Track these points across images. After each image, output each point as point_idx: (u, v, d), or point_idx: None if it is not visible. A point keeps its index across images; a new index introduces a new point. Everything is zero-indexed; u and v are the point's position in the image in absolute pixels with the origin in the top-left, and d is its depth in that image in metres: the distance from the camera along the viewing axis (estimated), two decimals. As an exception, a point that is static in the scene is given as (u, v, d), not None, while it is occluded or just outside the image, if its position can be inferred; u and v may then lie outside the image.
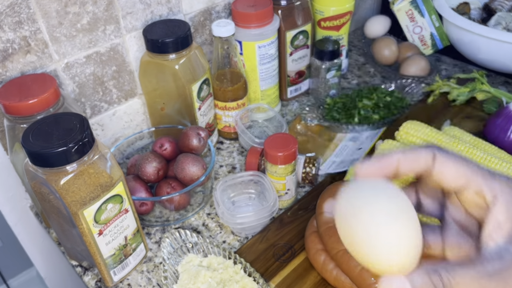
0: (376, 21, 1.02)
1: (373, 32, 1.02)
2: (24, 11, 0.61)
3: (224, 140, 0.86)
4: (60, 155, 0.48)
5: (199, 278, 0.58)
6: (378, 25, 1.01)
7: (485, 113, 0.84)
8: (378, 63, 0.99)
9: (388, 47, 0.97)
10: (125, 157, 0.79)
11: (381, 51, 0.97)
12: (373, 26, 1.01)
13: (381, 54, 0.97)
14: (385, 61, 0.97)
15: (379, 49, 0.98)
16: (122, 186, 0.55)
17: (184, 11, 0.79)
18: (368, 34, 1.03)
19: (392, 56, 0.97)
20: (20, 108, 0.57)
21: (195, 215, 0.71)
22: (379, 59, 0.98)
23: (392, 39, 0.99)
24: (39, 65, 0.65)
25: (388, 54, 0.97)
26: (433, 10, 0.97)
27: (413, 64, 0.92)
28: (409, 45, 0.98)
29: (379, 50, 0.98)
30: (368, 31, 1.02)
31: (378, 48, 0.98)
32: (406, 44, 0.98)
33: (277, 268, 0.61)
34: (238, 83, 0.79)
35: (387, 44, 0.97)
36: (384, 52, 0.97)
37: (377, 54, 0.98)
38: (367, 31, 1.03)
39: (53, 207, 0.53)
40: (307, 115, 0.86)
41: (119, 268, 0.60)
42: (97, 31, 0.69)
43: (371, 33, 1.02)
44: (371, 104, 0.84)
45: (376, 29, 1.01)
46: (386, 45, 0.97)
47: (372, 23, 1.02)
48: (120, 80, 0.76)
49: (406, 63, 0.93)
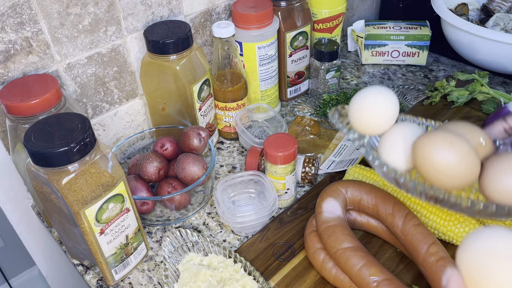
0: (373, 104, 0.53)
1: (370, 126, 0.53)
2: (26, 12, 0.61)
3: (225, 140, 0.87)
4: (61, 155, 0.48)
5: (200, 277, 0.58)
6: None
7: (483, 113, 0.85)
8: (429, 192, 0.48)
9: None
10: (126, 157, 0.79)
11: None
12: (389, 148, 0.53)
13: (440, 167, 0.46)
14: (451, 181, 0.46)
15: (430, 156, 0.46)
16: (123, 185, 0.55)
17: (184, 12, 0.79)
18: (360, 129, 0.55)
19: (469, 171, 0.46)
20: (22, 109, 0.57)
21: (195, 214, 0.72)
22: (431, 175, 0.47)
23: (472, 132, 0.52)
24: (41, 65, 0.66)
25: (460, 168, 0.45)
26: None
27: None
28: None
29: (432, 159, 0.46)
30: (358, 123, 0.54)
31: (426, 154, 0.47)
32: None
33: (277, 266, 0.62)
34: (238, 83, 0.80)
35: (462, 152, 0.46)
36: (449, 163, 0.45)
37: (426, 167, 0.47)
38: (357, 123, 0.54)
39: (55, 206, 0.54)
40: (298, 107, 0.87)
41: (120, 267, 0.61)
42: (99, 32, 0.70)
43: (364, 127, 0.54)
44: None
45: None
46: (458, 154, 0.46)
47: (364, 107, 0.53)
48: (121, 81, 0.76)
49: (495, 172, 0.45)
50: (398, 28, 1.01)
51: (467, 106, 0.87)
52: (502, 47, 0.85)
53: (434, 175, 0.46)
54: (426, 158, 0.46)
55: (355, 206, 0.62)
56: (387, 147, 0.51)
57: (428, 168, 0.46)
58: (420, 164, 0.47)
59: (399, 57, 1.02)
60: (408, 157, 0.50)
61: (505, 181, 0.43)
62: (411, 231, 0.56)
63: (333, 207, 0.59)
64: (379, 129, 0.52)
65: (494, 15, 0.95)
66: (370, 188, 0.62)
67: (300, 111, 0.86)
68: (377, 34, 1.00)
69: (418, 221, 0.56)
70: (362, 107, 0.52)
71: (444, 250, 0.53)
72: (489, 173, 0.45)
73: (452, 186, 0.46)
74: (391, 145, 0.51)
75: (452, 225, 0.61)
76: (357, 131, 0.54)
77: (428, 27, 1.00)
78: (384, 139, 0.52)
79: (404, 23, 1.03)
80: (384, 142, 0.52)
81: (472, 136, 0.48)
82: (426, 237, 0.54)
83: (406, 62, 1.02)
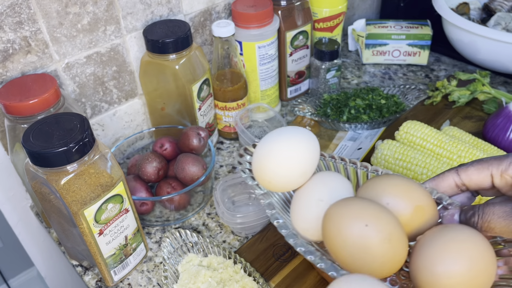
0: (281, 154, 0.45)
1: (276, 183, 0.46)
2: (24, 12, 0.61)
3: (224, 140, 0.86)
4: (60, 155, 0.48)
5: (199, 278, 0.58)
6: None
7: (484, 113, 0.85)
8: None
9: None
10: (126, 157, 0.79)
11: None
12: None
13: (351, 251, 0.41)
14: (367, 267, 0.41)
15: (339, 232, 0.41)
16: (122, 186, 0.55)
17: (184, 11, 0.79)
18: (265, 184, 0.47)
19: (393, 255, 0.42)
20: (20, 108, 0.57)
21: (195, 215, 0.71)
22: (342, 258, 0.41)
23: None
24: (40, 65, 0.65)
25: (380, 251, 0.40)
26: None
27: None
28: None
29: (342, 237, 0.41)
30: (261, 176, 0.47)
31: (335, 227, 0.41)
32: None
33: (277, 267, 0.61)
34: (238, 83, 0.79)
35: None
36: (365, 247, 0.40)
37: (334, 245, 0.41)
38: (260, 177, 0.46)
39: (54, 207, 0.54)
40: (298, 106, 0.87)
41: (119, 267, 0.60)
42: (98, 31, 0.69)
43: (268, 183, 0.46)
44: (363, 105, 0.84)
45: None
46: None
47: (272, 157, 0.45)
48: (120, 80, 0.76)
49: (429, 255, 0.39)
50: (399, 27, 1.00)
51: (468, 106, 0.87)
52: (503, 46, 0.84)
53: (346, 258, 0.37)
54: (335, 236, 0.37)
55: (356, 206, 0.61)
56: (296, 212, 0.42)
57: (337, 249, 0.37)
58: (329, 241, 0.38)
59: (400, 57, 1.01)
60: (318, 228, 0.40)
61: (439, 269, 0.33)
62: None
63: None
64: (289, 186, 0.42)
65: (495, 15, 0.95)
66: (371, 189, 0.61)
67: (301, 111, 0.86)
68: (378, 33, 0.99)
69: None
70: (267, 159, 0.41)
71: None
72: (420, 258, 0.35)
73: (368, 273, 0.37)
74: (300, 211, 0.42)
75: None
76: (262, 186, 0.44)
77: (429, 26, 1.00)
78: (295, 200, 0.43)
79: (405, 22, 1.02)
80: (294, 204, 0.43)
81: (410, 197, 0.40)
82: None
83: (407, 61, 1.02)
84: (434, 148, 0.67)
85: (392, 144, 0.67)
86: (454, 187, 0.43)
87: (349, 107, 0.84)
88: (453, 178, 0.42)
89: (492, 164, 0.40)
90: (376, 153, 0.67)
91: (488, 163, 0.41)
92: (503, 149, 0.72)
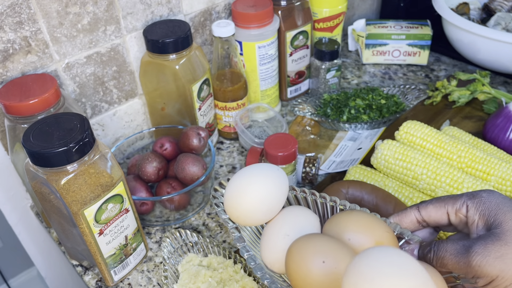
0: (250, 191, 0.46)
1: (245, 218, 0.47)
2: (24, 12, 0.61)
3: (224, 140, 0.86)
4: (60, 155, 0.48)
5: (199, 278, 0.58)
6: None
7: (484, 113, 0.85)
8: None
9: None
10: (126, 157, 0.79)
11: None
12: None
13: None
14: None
15: (297, 266, 0.42)
16: (122, 186, 0.55)
17: (184, 11, 0.79)
18: (235, 219, 0.47)
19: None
20: (20, 108, 0.57)
21: (195, 215, 0.71)
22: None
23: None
24: (40, 65, 0.65)
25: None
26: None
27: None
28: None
29: (300, 271, 0.42)
30: (231, 212, 0.47)
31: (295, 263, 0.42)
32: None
33: (277, 267, 0.61)
34: (238, 83, 0.79)
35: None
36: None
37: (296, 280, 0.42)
38: (231, 212, 0.47)
39: (54, 207, 0.54)
40: (298, 106, 0.87)
41: (119, 267, 0.60)
42: (98, 31, 0.69)
43: (238, 217, 0.47)
44: (363, 105, 0.84)
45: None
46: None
47: (240, 194, 0.46)
48: (120, 80, 0.76)
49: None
50: (399, 27, 1.00)
51: (468, 106, 0.87)
52: (503, 46, 0.84)
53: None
54: (294, 271, 0.39)
55: (356, 206, 0.61)
56: (265, 244, 0.44)
57: (298, 284, 0.39)
58: (289, 274, 0.40)
59: (400, 57, 1.01)
60: (281, 261, 0.42)
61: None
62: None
63: None
64: (257, 221, 0.44)
65: (495, 15, 0.95)
66: (371, 188, 0.61)
67: (301, 111, 0.86)
68: (378, 33, 0.99)
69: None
70: (236, 195, 0.44)
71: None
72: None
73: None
74: (269, 242, 0.44)
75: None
76: (233, 220, 0.46)
77: (429, 26, 1.00)
78: (265, 232, 0.45)
79: (405, 22, 1.02)
80: (264, 237, 0.45)
81: (371, 233, 0.41)
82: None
83: (407, 61, 1.02)
84: (434, 148, 0.67)
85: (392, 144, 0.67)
86: (415, 222, 0.45)
87: (349, 107, 0.84)
88: (415, 215, 0.45)
89: (448, 203, 0.43)
90: (376, 153, 0.67)
91: (445, 202, 0.43)
92: (503, 149, 0.72)
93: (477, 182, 0.61)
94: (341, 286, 0.36)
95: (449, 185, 0.61)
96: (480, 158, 0.64)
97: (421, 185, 0.64)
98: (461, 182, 0.61)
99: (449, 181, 0.61)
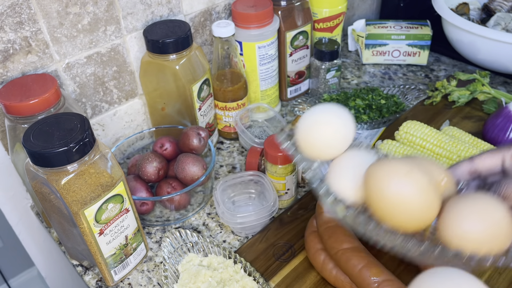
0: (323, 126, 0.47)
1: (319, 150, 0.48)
2: (25, 12, 0.61)
3: (224, 140, 0.86)
4: (61, 155, 0.48)
5: (200, 278, 0.58)
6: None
7: (484, 113, 0.85)
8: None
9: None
10: (126, 157, 0.79)
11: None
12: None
13: (393, 199, 0.42)
14: (405, 219, 0.42)
15: (382, 186, 0.42)
16: (122, 186, 0.55)
17: (184, 11, 0.79)
18: (308, 152, 0.49)
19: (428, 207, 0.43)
20: (21, 108, 0.57)
21: (195, 215, 0.72)
22: (385, 210, 0.43)
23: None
24: (40, 65, 0.66)
25: (418, 203, 0.41)
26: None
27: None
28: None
29: (384, 189, 0.42)
30: (306, 146, 0.48)
31: (379, 184, 0.42)
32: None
33: (277, 267, 0.61)
34: (238, 83, 0.79)
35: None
36: (404, 196, 0.41)
37: (378, 200, 0.42)
38: (305, 146, 0.48)
39: (54, 206, 0.54)
40: (298, 106, 0.87)
41: (119, 267, 0.60)
42: (98, 31, 0.69)
43: (311, 151, 0.48)
44: (363, 105, 0.84)
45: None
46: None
47: (314, 129, 0.47)
48: (120, 81, 0.76)
49: (454, 215, 0.42)
50: (399, 27, 1.00)
51: (468, 106, 0.87)
52: (503, 46, 0.85)
53: (386, 209, 0.39)
54: (377, 189, 0.39)
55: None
56: (336, 175, 0.44)
57: (379, 200, 0.39)
58: (371, 195, 0.40)
59: (400, 57, 1.01)
60: (358, 187, 0.43)
61: (466, 225, 0.38)
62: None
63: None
64: (329, 154, 0.45)
65: (495, 15, 0.95)
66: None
67: (301, 111, 0.86)
68: (378, 33, 1.00)
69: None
70: (311, 128, 0.45)
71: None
72: (449, 216, 0.39)
73: (405, 224, 0.39)
74: (341, 173, 0.44)
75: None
76: (305, 155, 0.47)
77: (429, 26, 1.00)
78: (334, 165, 0.45)
79: (405, 22, 1.02)
80: (333, 169, 0.45)
81: (433, 172, 0.42)
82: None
83: (407, 61, 1.02)
84: (433, 148, 0.67)
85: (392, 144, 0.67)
86: (466, 174, 0.47)
87: (349, 107, 0.84)
88: (467, 166, 0.47)
89: (503, 150, 0.46)
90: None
91: (500, 149, 0.47)
92: (502, 149, 0.72)
93: (476, 182, 0.61)
94: (432, 199, 0.39)
95: (449, 185, 0.61)
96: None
97: (421, 185, 0.64)
98: (461, 182, 0.61)
99: (448, 181, 0.61)
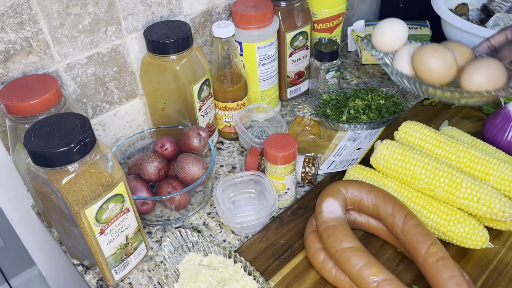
0: (389, 29, 0.68)
1: (387, 45, 0.68)
2: (25, 12, 0.61)
3: (224, 140, 0.87)
4: (61, 155, 0.48)
5: (200, 277, 0.58)
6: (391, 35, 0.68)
7: (483, 113, 0.85)
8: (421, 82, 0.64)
9: (440, 56, 0.61)
10: (126, 157, 0.79)
11: (426, 63, 0.62)
12: (384, 36, 0.68)
13: (427, 68, 0.62)
14: (435, 78, 0.62)
15: (420, 60, 0.62)
16: (123, 185, 0.55)
17: (184, 12, 0.79)
18: (379, 48, 0.69)
19: (448, 69, 0.61)
20: (22, 109, 0.57)
21: (195, 215, 0.72)
22: (423, 74, 0.62)
23: (440, 46, 0.63)
24: (41, 65, 0.66)
25: (441, 67, 0.61)
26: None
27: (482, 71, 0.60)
28: (460, 46, 0.64)
29: (422, 62, 0.62)
30: (378, 43, 0.69)
31: (419, 59, 0.62)
32: (455, 45, 0.64)
33: (277, 267, 0.62)
34: (238, 83, 0.80)
35: (437, 53, 0.62)
36: (432, 64, 0.61)
37: (419, 69, 0.63)
38: (377, 44, 0.69)
39: (55, 206, 0.54)
40: (298, 107, 0.87)
41: (120, 267, 0.61)
42: (99, 32, 0.70)
43: (382, 46, 0.68)
44: (363, 105, 0.84)
45: (390, 41, 0.68)
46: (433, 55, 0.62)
47: (383, 31, 0.68)
48: (121, 81, 0.76)
49: (470, 72, 0.60)
50: (398, 28, 1.00)
51: (467, 106, 0.87)
52: (502, 47, 0.85)
53: (424, 73, 0.62)
54: (418, 62, 0.62)
55: (355, 206, 0.62)
56: (398, 59, 0.67)
57: (420, 69, 0.62)
58: (416, 67, 0.63)
59: (399, 57, 1.01)
60: (410, 64, 0.65)
61: (477, 77, 0.59)
62: (411, 231, 0.56)
63: (333, 207, 0.59)
64: (394, 47, 0.68)
65: (494, 15, 0.95)
66: (370, 188, 0.62)
67: (300, 111, 0.86)
68: (377, 34, 1.00)
69: (418, 221, 0.57)
70: (383, 31, 0.68)
71: (444, 250, 0.53)
72: (467, 72, 0.60)
73: (436, 80, 0.62)
74: (401, 57, 0.66)
75: (452, 225, 0.61)
76: (378, 50, 0.70)
77: (428, 27, 1.00)
78: (397, 53, 0.67)
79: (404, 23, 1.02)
80: (397, 56, 0.67)
81: (458, 48, 0.63)
82: (426, 237, 0.54)
83: (406, 62, 1.02)
84: (433, 148, 0.67)
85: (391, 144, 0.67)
86: (486, 48, 0.63)
87: (349, 107, 0.85)
88: (486, 44, 0.63)
89: (507, 29, 0.62)
90: (375, 153, 0.67)
91: (505, 29, 0.62)
92: (501, 149, 0.73)
93: (476, 182, 0.61)
94: (450, 64, 0.61)
95: (448, 185, 0.62)
96: (479, 158, 0.65)
97: (420, 185, 0.64)
98: (460, 182, 0.61)
99: (448, 181, 0.62)
